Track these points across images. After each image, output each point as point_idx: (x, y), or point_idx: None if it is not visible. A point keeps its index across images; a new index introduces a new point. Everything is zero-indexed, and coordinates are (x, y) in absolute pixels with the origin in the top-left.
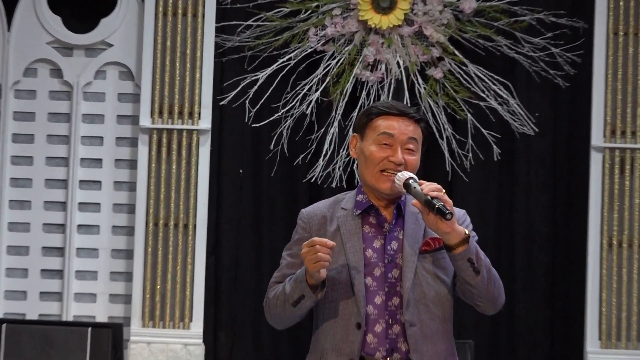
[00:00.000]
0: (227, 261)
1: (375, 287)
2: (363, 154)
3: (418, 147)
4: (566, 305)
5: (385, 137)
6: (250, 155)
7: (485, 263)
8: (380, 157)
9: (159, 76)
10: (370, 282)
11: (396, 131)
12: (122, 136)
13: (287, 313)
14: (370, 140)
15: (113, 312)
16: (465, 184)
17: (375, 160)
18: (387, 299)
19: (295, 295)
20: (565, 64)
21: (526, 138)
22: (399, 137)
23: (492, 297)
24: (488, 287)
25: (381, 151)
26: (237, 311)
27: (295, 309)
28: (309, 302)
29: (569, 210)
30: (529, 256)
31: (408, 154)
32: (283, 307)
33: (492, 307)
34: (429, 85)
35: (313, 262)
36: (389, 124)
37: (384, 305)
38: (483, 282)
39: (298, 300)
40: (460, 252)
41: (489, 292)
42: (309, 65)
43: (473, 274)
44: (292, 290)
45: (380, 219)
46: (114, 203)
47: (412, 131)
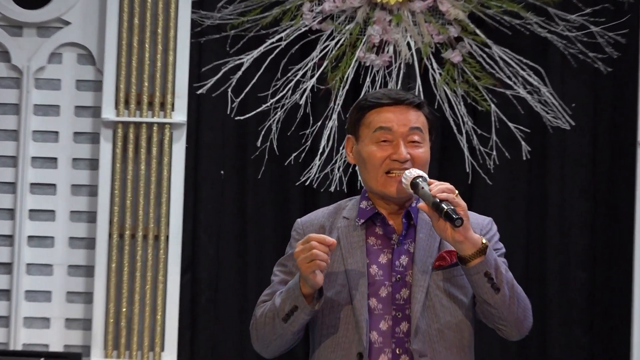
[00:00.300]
0: (205, 279)
1: (381, 310)
2: (361, 158)
3: (424, 138)
4: (608, 331)
5: (382, 132)
6: (233, 153)
7: (507, 278)
8: (381, 158)
9: (125, 60)
10: (375, 304)
11: (394, 123)
12: (81, 131)
13: (277, 332)
14: (367, 139)
15: (70, 339)
16: (488, 188)
17: (376, 162)
18: (395, 324)
19: (286, 307)
20: (607, 45)
21: (560, 133)
22: (398, 130)
23: (516, 319)
24: (510, 307)
25: (381, 150)
26: (217, 339)
27: (287, 324)
28: (302, 315)
29: (611, 218)
30: (563, 273)
31: (413, 147)
32: (272, 324)
33: (517, 332)
34: (446, 71)
35: (307, 261)
36: (385, 116)
37: (390, 331)
38: (504, 301)
39: (290, 313)
40: (476, 265)
41: (511, 313)
42: (303, 47)
43: (492, 291)
44: (283, 301)
45: (388, 230)
46: (71, 210)
47: (413, 120)
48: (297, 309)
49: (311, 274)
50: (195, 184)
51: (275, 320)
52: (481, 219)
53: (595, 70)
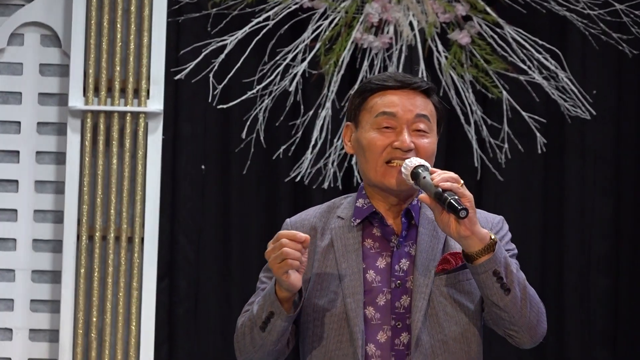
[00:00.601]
0: (184, 286)
1: (379, 320)
2: (360, 146)
3: (431, 127)
4: (631, 344)
5: (385, 118)
6: (215, 146)
7: (519, 279)
8: (382, 145)
9: (94, 42)
10: (372, 313)
11: (399, 108)
12: (46, 121)
13: (256, 342)
14: (368, 125)
15: (34, 352)
16: (498, 185)
17: (376, 150)
18: (394, 335)
19: (263, 314)
20: (634, 24)
21: (580, 124)
22: (403, 116)
23: (529, 324)
24: (522, 310)
25: (383, 137)
26: (197, 352)
27: (265, 333)
28: (279, 321)
29: (636, 219)
30: (583, 280)
31: (418, 136)
32: (251, 334)
33: (530, 338)
34: (452, 54)
35: (278, 261)
36: (389, 100)
37: (389, 343)
38: (515, 303)
39: (266, 321)
40: (484, 263)
41: (524, 316)
42: (293, 28)
43: (501, 292)
44: (260, 308)
45: (387, 231)
46: (35, 209)
47: (420, 106)
48: (273, 315)
49: (284, 275)
50: (173, 180)
51: (253, 330)
52: (491, 217)
53: (620, 53)
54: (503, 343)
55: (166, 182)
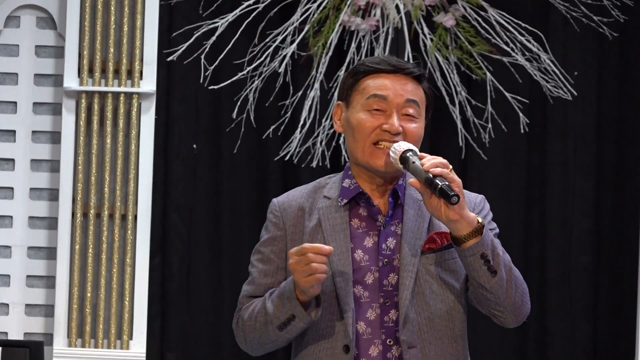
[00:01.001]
0: (176, 263)
1: (368, 298)
2: (350, 126)
3: (420, 113)
4: (612, 319)
5: (376, 100)
6: (206, 126)
7: (505, 261)
8: (371, 127)
9: (89, 24)
10: (361, 292)
11: (390, 92)
12: (42, 101)
13: (270, 338)
14: (358, 106)
15: (30, 327)
16: (483, 164)
17: (365, 131)
18: (383, 312)
19: (282, 315)
20: (614, 7)
21: (562, 104)
22: (394, 100)
23: (514, 304)
24: (508, 291)
25: (372, 119)
26: (189, 327)
27: (283, 332)
28: (301, 324)
29: (616, 198)
30: (565, 257)
31: (407, 120)
32: (264, 330)
33: (514, 318)
34: (437, 36)
35: (305, 275)
36: (381, 83)
37: (378, 321)
38: (501, 285)
39: (287, 322)
40: (472, 246)
41: (509, 297)
42: (283, 10)
43: (488, 274)
44: (277, 309)
45: (373, 210)
46: (31, 187)
47: (411, 92)
48: (295, 318)
49: (311, 288)
50: (166, 159)
51: (268, 327)
52: (473, 197)
53: (600, 36)
54: (487, 321)
55: (159, 161)
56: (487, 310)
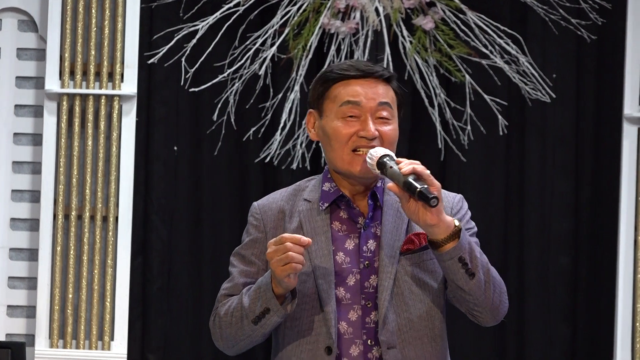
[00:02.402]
0: (157, 264)
1: (349, 299)
2: (325, 134)
3: (393, 114)
4: (590, 320)
5: (349, 107)
6: (187, 128)
7: (482, 262)
8: (347, 134)
9: (70, 26)
10: (343, 293)
11: (362, 97)
12: (23, 103)
13: (245, 333)
14: (332, 114)
15: (12, 328)
16: (462, 165)
17: (342, 139)
18: (364, 314)
19: (257, 309)
20: (592, 11)
21: (540, 106)
22: (367, 105)
23: (492, 304)
24: (486, 292)
25: (348, 126)
26: (170, 328)
27: (257, 326)
28: (275, 317)
29: (594, 198)
30: (543, 259)
31: (382, 124)
32: (239, 325)
33: (492, 318)
34: (417, 39)
35: (282, 264)
36: (352, 89)
37: (360, 322)
38: (479, 286)
39: (261, 316)
40: (449, 250)
41: (487, 298)
42: (263, 13)
43: (466, 277)
44: (253, 302)
45: (353, 213)
46: (12, 189)
47: (382, 94)
48: (270, 311)
49: (287, 278)
50: (147, 161)
51: (243, 321)
52: (451, 196)
53: (579, 38)
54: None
55: (140, 163)
56: (465, 310)
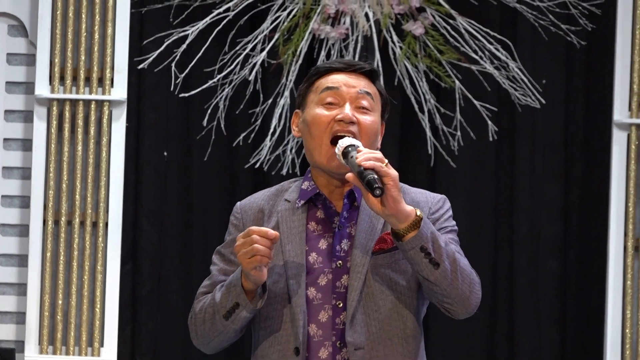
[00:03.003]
0: (147, 269)
1: (320, 300)
2: (306, 124)
3: (374, 107)
4: (580, 324)
5: (329, 93)
6: (177, 133)
7: (448, 252)
8: (326, 120)
9: (60, 32)
10: (314, 294)
11: (342, 84)
12: (13, 109)
13: (217, 329)
14: (312, 104)
15: (2, 334)
16: (452, 171)
17: (321, 125)
18: (335, 314)
19: (227, 304)
20: (581, 16)
21: (530, 112)
22: (346, 91)
23: (461, 295)
24: (454, 282)
25: (327, 112)
26: (160, 333)
27: (228, 322)
28: (244, 312)
29: (584, 204)
30: (533, 263)
31: (361, 112)
32: (212, 320)
33: (464, 309)
34: (406, 44)
35: (248, 256)
36: (333, 78)
37: (330, 323)
38: (446, 276)
39: (231, 311)
40: (410, 240)
41: (455, 288)
42: (253, 19)
43: (430, 267)
44: (224, 297)
45: (330, 212)
46: (2, 195)
47: (363, 85)
48: (239, 306)
49: (253, 270)
50: (137, 167)
51: (215, 317)
52: (432, 196)
53: (568, 44)
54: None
55: (130, 169)
56: (437, 303)
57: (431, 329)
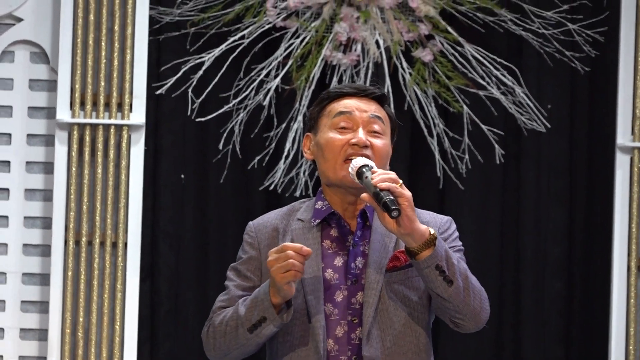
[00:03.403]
0: (165, 288)
1: (337, 315)
2: (319, 147)
3: (385, 130)
4: (584, 344)
5: (342, 118)
6: (194, 157)
7: (460, 269)
8: (340, 144)
9: (80, 59)
10: (331, 309)
11: (354, 108)
12: (35, 133)
13: (239, 342)
14: (326, 128)
15: (25, 350)
16: (460, 193)
17: (335, 149)
18: (350, 330)
19: (253, 317)
20: (585, 43)
21: (536, 136)
22: (359, 116)
23: (473, 311)
24: (466, 299)
25: (340, 136)
26: (178, 350)
27: (252, 335)
28: (271, 326)
29: (588, 226)
30: (538, 283)
31: (373, 136)
32: (234, 334)
33: (474, 324)
34: (416, 71)
35: (282, 271)
36: (345, 102)
37: (345, 338)
38: (459, 293)
39: (257, 324)
40: (426, 258)
41: (467, 305)
42: (267, 46)
43: (445, 284)
44: (249, 311)
45: (344, 231)
46: (25, 216)
47: (375, 110)
48: (266, 320)
49: (286, 285)
50: (155, 189)
51: (238, 330)
52: (439, 218)
53: (573, 70)
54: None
55: (148, 191)
56: (448, 319)
57: (440, 345)
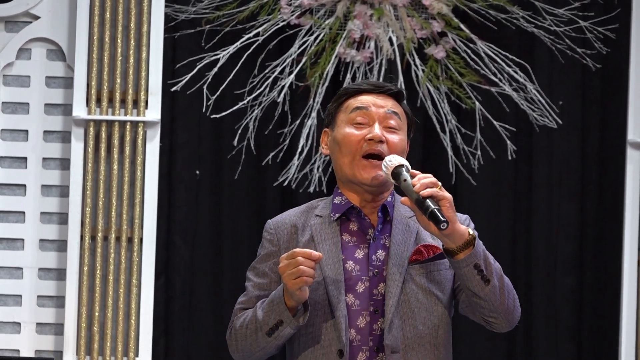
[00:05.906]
0: (180, 283)
1: (358, 306)
2: (336, 142)
3: (402, 126)
4: (595, 339)
5: (358, 113)
6: (208, 153)
7: (496, 269)
8: (356, 139)
9: (97, 56)
10: (353, 300)
11: (371, 104)
12: (52, 129)
13: (260, 345)
14: (342, 123)
15: (41, 344)
16: (472, 189)
17: (351, 144)
18: (373, 320)
19: (270, 321)
20: (597, 40)
21: (547, 132)
22: (375, 111)
23: (507, 310)
24: (501, 297)
25: (357, 131)
26: (192, 345)
27: (271, 338)
28: (288, 329)
29: (599, 222)
30: (550, 279)
31: (389, 132)
32: (254, 337)
33: (507, 323)
34: (429, 67)
35: (293, 277)
36: (362, 98)
37: (367, 328)
38: (495, 292)
39: (275, 328)
40: (465, 258)
41: (502, 303)
42: (281, 43)
43: (482, 283)
44: (266, 315)
45: (364, 224)
46: (41, 212)
47: (391, 105)
48: (283, 323)
49: (298, 290)
50: (170, 185)
51: (258, 333)
52: (458, 216)
53: (584, 67)
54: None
55: (163, 187)
56: (480, 318)
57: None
